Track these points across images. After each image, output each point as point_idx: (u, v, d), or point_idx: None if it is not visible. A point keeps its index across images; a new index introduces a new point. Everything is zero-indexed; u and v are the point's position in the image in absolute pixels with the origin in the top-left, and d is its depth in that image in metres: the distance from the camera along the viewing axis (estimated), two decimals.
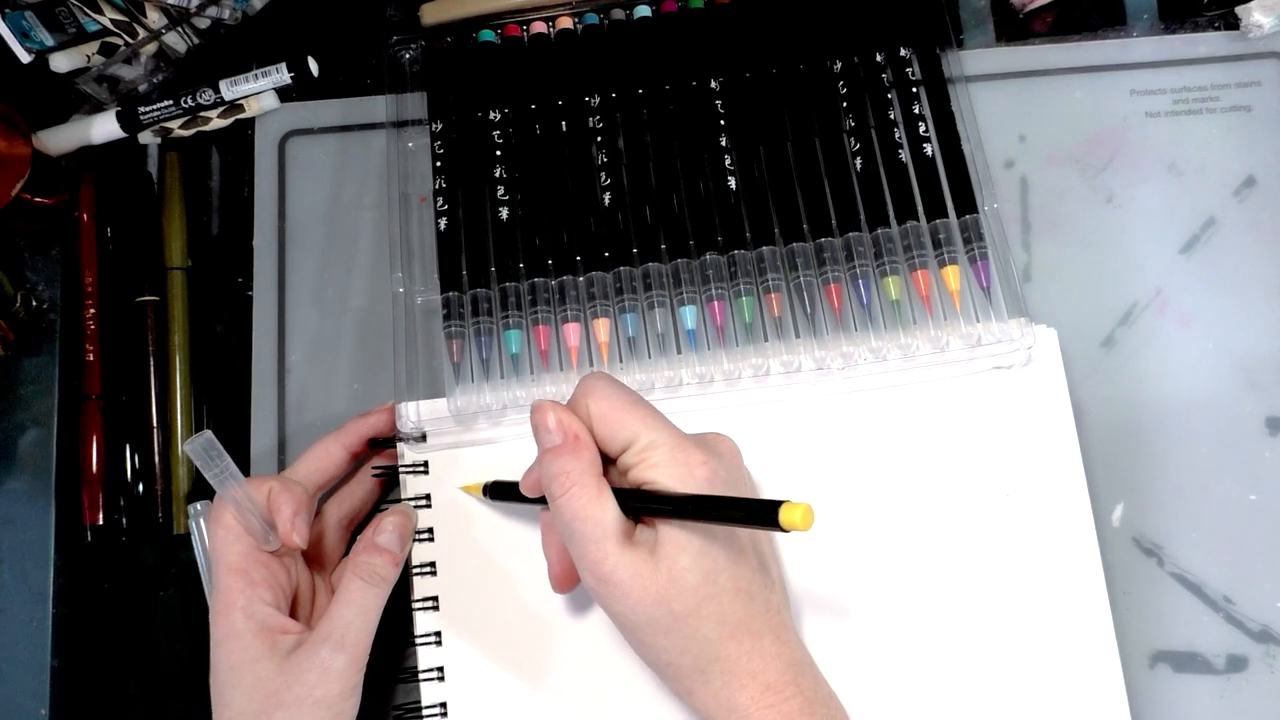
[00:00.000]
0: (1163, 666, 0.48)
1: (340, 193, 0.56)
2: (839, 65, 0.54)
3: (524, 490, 0.44)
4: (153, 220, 0.56)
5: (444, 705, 0.46)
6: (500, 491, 0.47)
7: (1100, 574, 0.47)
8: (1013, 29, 0.57)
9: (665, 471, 0.39)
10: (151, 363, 0.54)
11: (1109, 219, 0.54)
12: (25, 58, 0.53)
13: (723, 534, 0.39)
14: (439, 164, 0.53)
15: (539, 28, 0.56)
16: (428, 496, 0.48)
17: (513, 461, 0.49)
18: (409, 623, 0.47)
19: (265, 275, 0.54)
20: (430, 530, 0.48)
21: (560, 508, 0.39)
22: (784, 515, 0.34)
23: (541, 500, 0.43)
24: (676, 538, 0.38)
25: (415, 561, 0.48)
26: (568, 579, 0.44)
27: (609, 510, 0.38)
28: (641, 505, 0.39)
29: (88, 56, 0.55)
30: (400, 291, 0.52)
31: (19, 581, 0.52)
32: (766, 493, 0.48)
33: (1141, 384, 0.51)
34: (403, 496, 0.49)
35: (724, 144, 0.53)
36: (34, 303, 0.55)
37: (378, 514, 0.47)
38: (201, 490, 0.53)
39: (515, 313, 0.50)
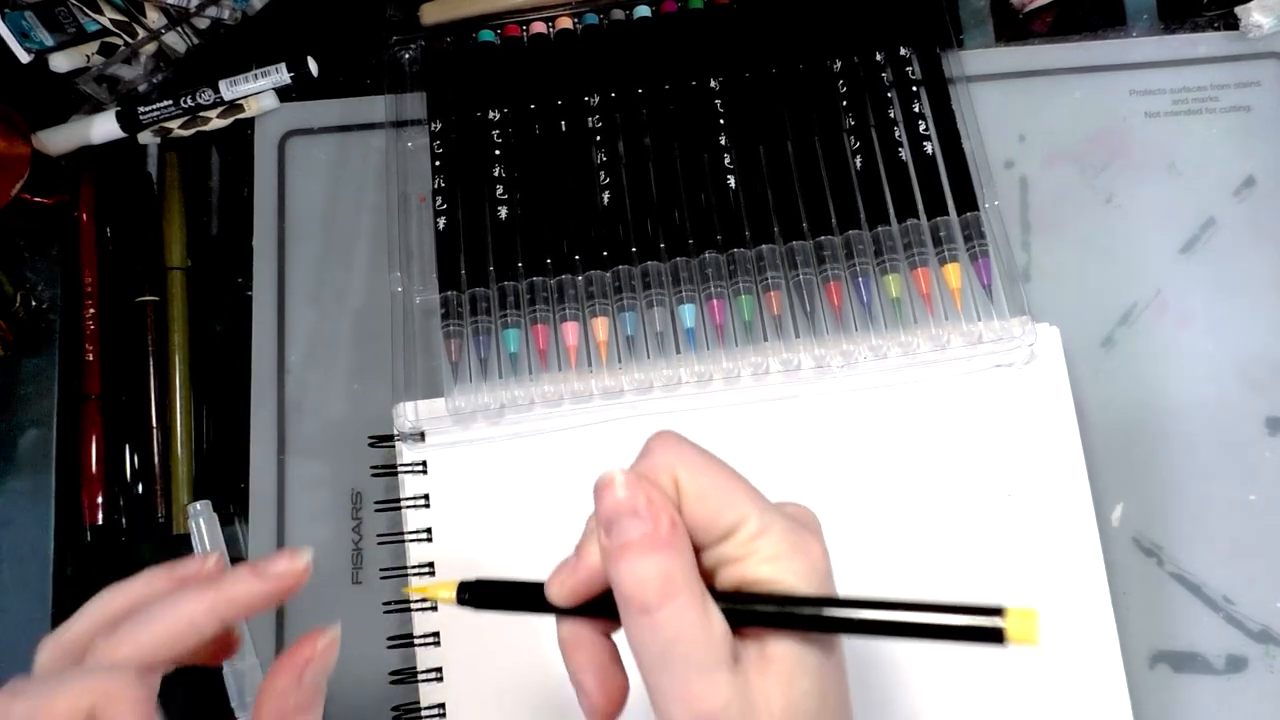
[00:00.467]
0: (1163, 666, 0.48)
1: (340, 193, 0.56)
2: (839, 65, 0.54)
3: (557, 596, 0.32)
4: (153, 220, 0.56)
5: (442, 706, 0.46)
6: (489, 597, 0.35)
7: (1103, 574, 0.47)
8: (1013, 29, 0.57)
9: (786, 566, 0.30)
10: (151, 363, 0.54)
11: (1109, 219, 0.54)
12: (25, 58, 0.53)
13: (835, 647, 0.31)
14: (438, 164, 0.53)
15: (539, 28, 0.56)
16: (426, 496, 0.48)
17: (512, 461, 0.49)
18: (408, 623, 0.47)
19: (265, 275, 0.54)
20: (429, 530, 0.48)
21: (659, 625, 0.28)
22: (1015, 626, 0.27)
23: (565, 611, 0.33)
24: (794, 656, 0.29)
25: (413, 562, 0.48)
26: (614, 707, 0.32)
27: (718, 626, 0.29)
28: (774, 615, 0.30)
29: (87, 56, 0.56)
30: (399, 291, 0.52)
31: (19, 581, 0.52)
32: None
33: (1141, 384, 0.51)
34: (401, 496, 0.49)
35: (723, 143, 0.53)
36: (34, 303, 0.55)
37: (296, 645, 0.34)
38: (202, 490, 0.53)
39: (514, 312, 0.50)
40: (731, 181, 0.52)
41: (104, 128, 0.56)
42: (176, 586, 0.34)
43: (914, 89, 0.53)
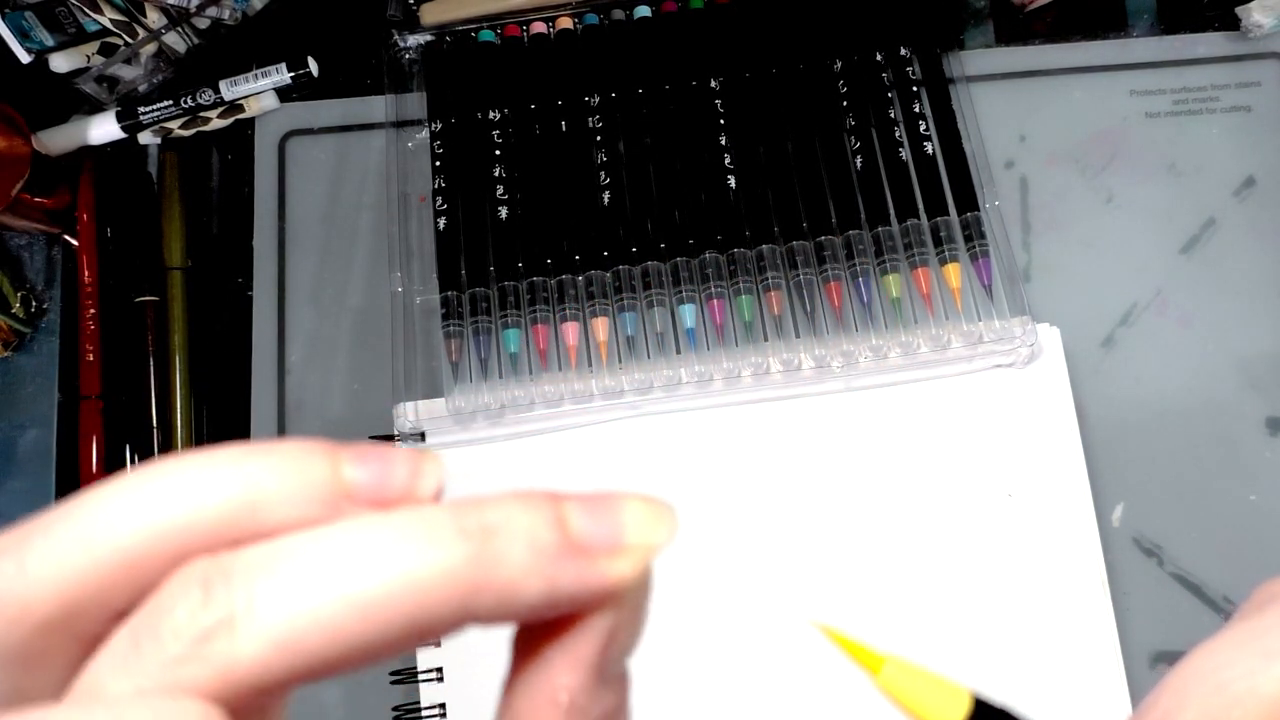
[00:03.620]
0: (1163, 667, 0.48)
1: (340, 193, 0.56)
2: (839, 65, 0.54)
3: None
4: (153, 220, 0.56)
5: (443, 706, 0.46)
6: None
7: (1103, 574, 0.47)
8: (1013, 29, 0.57)
9: None
10: (151, 363, 0.54)
11: (1109, 219, 0.54)
12: (25, 58, 0.53)
13: None
14: (438, 164, 0.53)
15: (539, 28, 0.56)
16: None
17: (512, 462, 0.49)
18: None
19: (265, 275, 0.54)
20: None
21: None
22: None
23: None
24: None
25: None
26: None
27: None
28: None
29: (88, 56, 0.56)
30: (399, 291, 0.52)
31: None
32: (754, 496, 0.48)
33: (1141, 384, 0.51)
34: None
35: (723, 143, 0.53)
36: (34, 303, 0.55)
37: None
38: None
39: (514, 312, 0.50)
40: (731, 181, 0.52)
41: (104, 128, 0.56)
42: (346, 510, 0.17)
43: (914, 89, 0.53)
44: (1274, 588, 0.22)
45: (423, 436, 0.49)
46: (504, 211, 0.52)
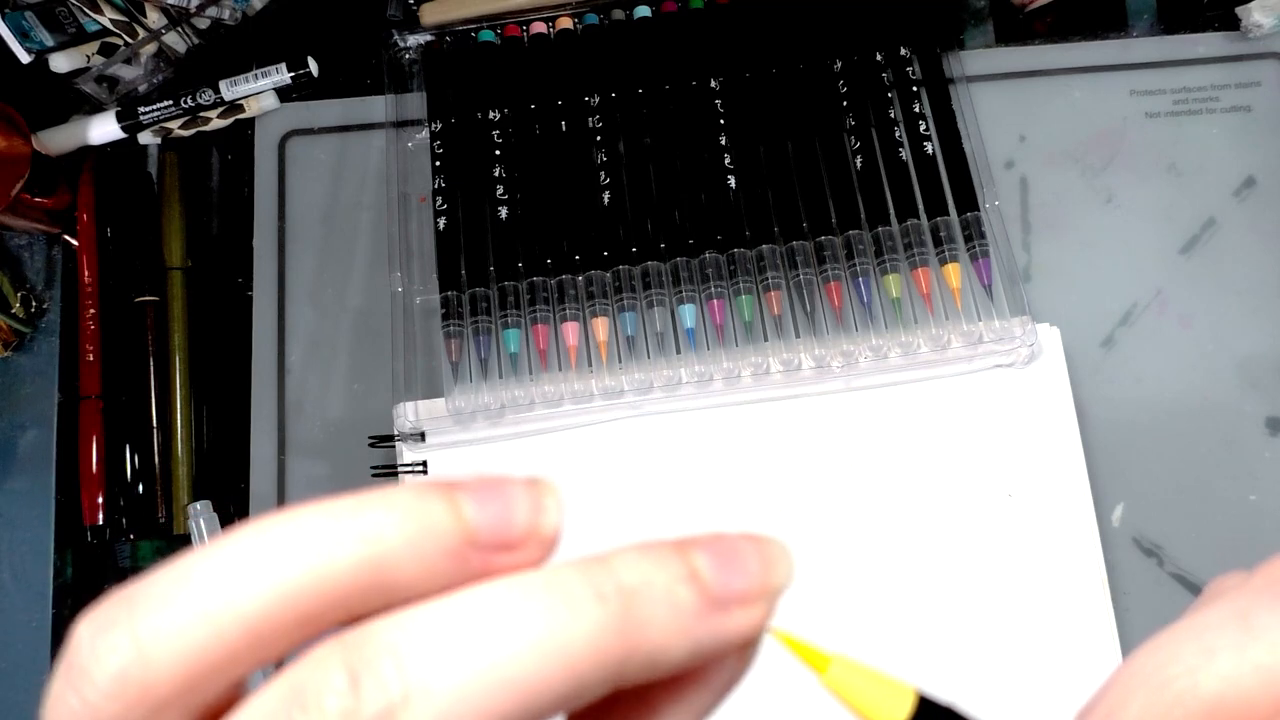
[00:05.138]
0: None
1: (340, 193, 0.56)
2: (839, 65, 0.54)
3: None
4: (153, 220, 0.56)
5: None
6: None
7: (1103, 574, 0.47)
8: (1013, 29, 0.57)
9: None
10: (151, 363, 0.54)
11: (1109, 219, 0.54)
12: (25, 58, 0.53)
13: None
14: (438, 164, 0.53)
15: (539, 28, 0.56)
16: None
17: (512, 462, 0.49)
18: None
19: (265, 275, 0.54)
20: None
21: None
22: None
23: None
24: None
25: None
26: None
27: None
28: None
29: (88, 56, 0.56)
30: (399, 291, 0.52)
31: (19, 581, 0.52)
32: (754, 496, 0.48)
33: (1141, 384, 0.51)
34: None
35: (723, 143, 0.53)
36: (34, 303, 0.55)
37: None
38: (202, 490, 0.53)
39: (514, 312, 0.50)
40: (731, 181, 0.52)
41: (104, 128, 0.56)
42: (475, 568, 0.16)
43: (914, 89, 0.53)
44: (1223, 583, 0.22)
45: (423, 436, 0.49)
46: (504, 211, 0.52)
